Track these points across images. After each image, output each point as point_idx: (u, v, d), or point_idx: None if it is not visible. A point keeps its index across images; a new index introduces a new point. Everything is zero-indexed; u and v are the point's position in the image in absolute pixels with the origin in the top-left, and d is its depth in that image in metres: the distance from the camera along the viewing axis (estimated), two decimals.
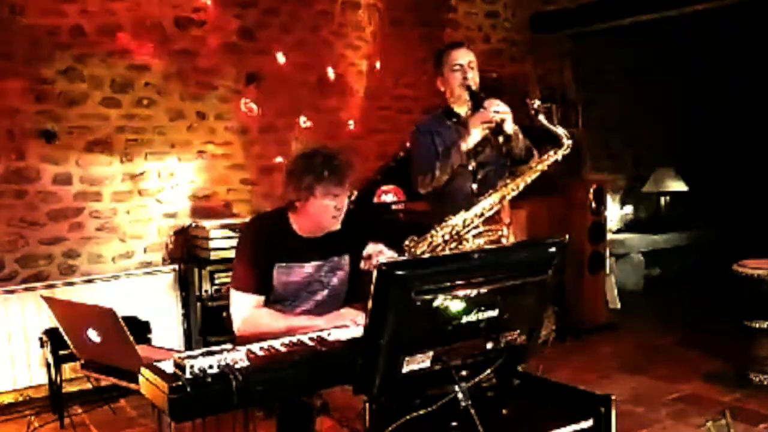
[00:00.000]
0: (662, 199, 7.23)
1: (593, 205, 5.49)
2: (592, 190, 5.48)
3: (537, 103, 3.07)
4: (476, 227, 3.08)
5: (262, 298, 2.67)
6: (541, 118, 3.06)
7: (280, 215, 2.75)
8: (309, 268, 2.73)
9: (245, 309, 2.65)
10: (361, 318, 2.54)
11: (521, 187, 3.11)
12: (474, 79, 3.20)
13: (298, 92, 5.25)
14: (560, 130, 3.10)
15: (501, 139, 3.14)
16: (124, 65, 4.61)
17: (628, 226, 7.28)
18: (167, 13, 4.74)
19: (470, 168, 3.20)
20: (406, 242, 3.06)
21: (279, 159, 5.19)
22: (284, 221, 2.72)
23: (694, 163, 7.25)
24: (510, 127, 3.09)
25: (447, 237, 3.06)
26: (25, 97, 4.33)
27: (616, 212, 7.17)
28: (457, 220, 3.05)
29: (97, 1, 4.49)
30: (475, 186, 3.20)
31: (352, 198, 2.73)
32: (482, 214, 3.07)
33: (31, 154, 4.38)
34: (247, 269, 2.66)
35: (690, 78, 7.39)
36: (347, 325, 2.51)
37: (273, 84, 5.15)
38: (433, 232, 3.06)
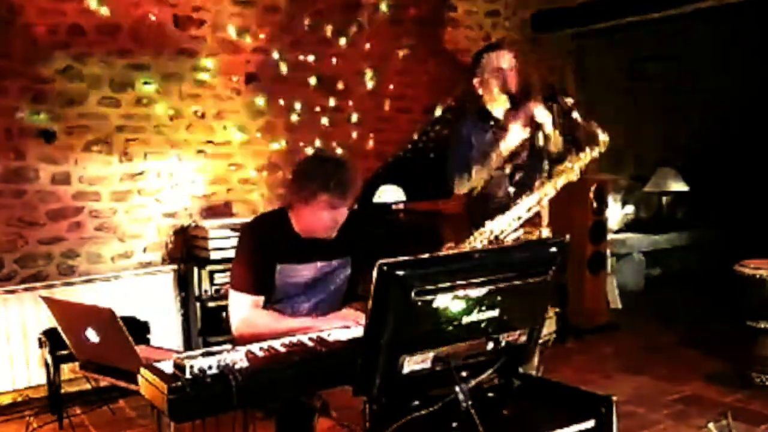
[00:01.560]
0: (663, 199, 7.23)
1: (594, 204, 5.49)
2: (593, 190, 5.47)
3: (570, 100, 3.04)
4: (515, 230, 3.05)
5: (261, 299, 2.66)
6: (576, 115, 3.02)
7: (281, 215, 2.74)
8: (310, 268, 2.71)
9: (244, 309, 2.63)
10: (361, 318, 2.53)
11: (559, 187, 3.07)
12: (513, 82, 3.17)
13: (297, 92, 5.25)
14: (596, 128, 3.04)
15: (540, 139, 3.08)
16: (123, 64, 4.61)
17: (629, 226, 7.27)
18: (166, 12, 4.73)
19: (506, 171, 3.18)
20: (443, 250, 3.05)
21: (278, 160, 5.20)
22: (285, 221, 2.71)
23: (696, 163, 7.24)
24: (550, 127, 3.05)
25: (485, 242, 3.02)
26: (23, 96, 4.32)
27: (617, 212, 7.16)
28: (494, 225, 3.03)
29: (95, 0, 4.48)
30: (511, 189, 3.17)
31: (354, 207, 2.70)
32: (520, 217, 3.05)
33: (29, 153, 4.37)
34: (246, 269, 2.65)
35: (691, 78, 7.39)
36: (348, 325, 2.50)
37: (272, 83, 5.14)
38: (471, 238, 3.03)
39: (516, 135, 3.06)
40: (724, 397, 4.11)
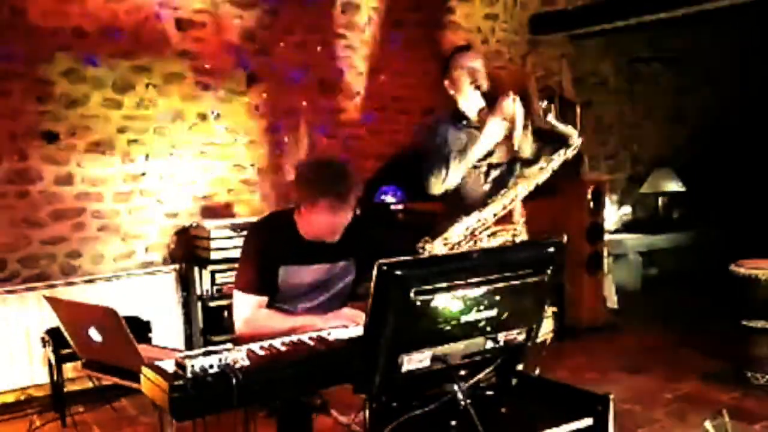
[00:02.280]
0: (660, 200, 7.25)
1: (591, 205, 5.51)
2: (590, 191, 5.49)
3: (545, 103, 3.10)
4: (488, 227, 3.10)
5: (264, 299, 2.67)
6: (550, 117, 3.10)
7: (287, 217, 2.75)
8: (314, 271, 2.73)
9: (247, 309, 2.65)
10: (360, 318, 2.55)
11: (532, 187, 3.14)
12: (483, 80, 3.21)
13: (298, 93, 5.27)
14: (569, 129, 3.13)
15: (515, 137, 3.06)
16: (125, 66, 4.63)
17: (626, 227, 7.29)
18: (168, 15, 4.75)
19: (482, 169, 3.21)
20: (420, 243, 3.08)
21: (278, 161, 5.22)
22: (291, 223, 2.72)
23: (692, 164, 7.27)
24: (521, 121, 3.04)
25: (461, 237, 3.07)
26: (26, 98, 4.35)
27: (614, 212, 7.19)
28: (470, 221, 3.07)
29: (98, 3, 4.51)
30: (487, 187, 3.21)
31: (357, 211, 2.73)
32: (495, 215, 3.09)
33: (32, 155, 4.40)
34: (251, 269, 2.67)
35: (688, 79, 7.42)
36: (346, 325, 2.53)
37: (273, 85, 5.16)
38: (446, 233, 3.07)
39: (495, 127, 3.08)
40: (721, 396, 4.13)
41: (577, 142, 3.13)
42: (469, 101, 3.22)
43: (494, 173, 3.23)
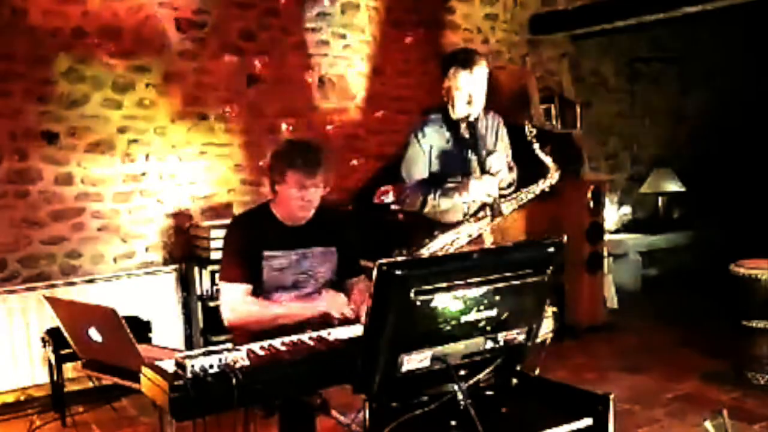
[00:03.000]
0: (660, 200, 7.25)
1: (591, 205, 5.51)
2: (590, 191, 5.49)
3: (533, 130, 3.14)
4: (461, 247, 3.14)
5: (249, 287, 2.73)
6: (535, 147, 3.16)
7: (262, 206, 2.88)
8: (294, 255, 2.79)
9: (233, 298, 2.70)
10: (342, 302, 2.70)
11: (507, 214, 3.19)
12: (481, 99, 3.19)
13: (298, 93, 5.28)
14: (549, 161, 3.19)
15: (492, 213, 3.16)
16: (125, 66, 4.63)
17: (626, 227, 7.30)
18: (168, 15, 4.76)
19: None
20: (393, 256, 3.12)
21: None
22: (266, 211, 2.83)
23: (692, 164, 7.27)
24: (496, 192, 3.13)
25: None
26: (26, 98, 4.35)
27: (614, 212, 7.19)
28: (446, 239, 3.11)
29: (98, 3, 4.52)
30: (466, 207, 3.24)
31: (327, 191, 2.82)
32: (470, 236, 3.16)
33: (32, 155, 4.40)
34: (232, 259, 2.74)
35: (688, 79, 7.42)
36: (328, 311, 2.65)
37: (273, 85, 5.17)
38: (421, 250, 3.11)
39: (475, 191, 3.12)
40: (721, 396, 4.13)
41: (555, 175, 3.20)
42: (461, 113, 3.21)
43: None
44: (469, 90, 3.14)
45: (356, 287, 2.88)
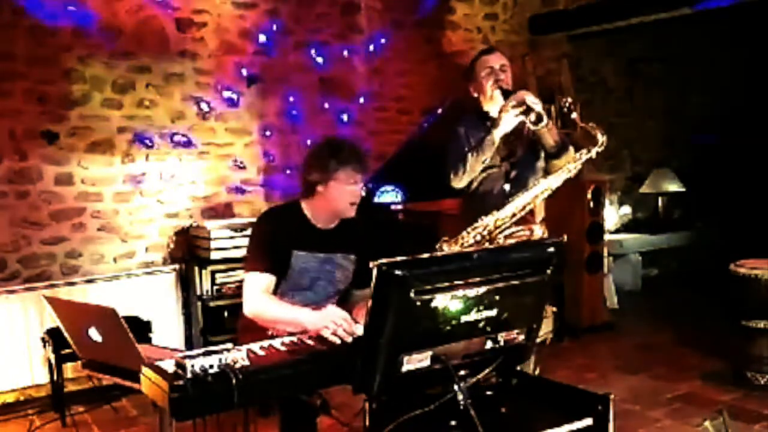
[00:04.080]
0: (660, 200, 7.25)
1: (591, 205, 5.52)
2: (590, 191, 5.50)
3: (569, 100, 3.08)
4: (508, 227, 3.08)
5: (273, 279, 2.70)
6: (575, 115, 3.07)
7: (294, 204, 2.84)
8: (318, 257, 2.78)
9: (257, 289, 2.66)
10: (346, 318, 2.41)
11: (554, 187, 3.07)
12: (507, 80, 3.19)
13: (298, 93, 5.28)
14: (595, 129, 3.06)
15: (533, 120, 3.00)
16: (125, 66, 4.64)
17: (626, 227, 7.30)
18: (168, 15, 4.76)
19: (503, 169, 3.20)
20: (439, 244, 3.09)
21: (279, 161, 5.23)
22: (297, 210, 2.81)
23: (692, 164, 7.27)
24: (540, 108, 2.98)
25: (479, 237, 3.05)
26: (27, 98, 4.35)
27: (614, 212, 7.19)
28: (489, 221, 3.06)
29: (98, 3, 4.52)
30: (507, 186, 3.18)
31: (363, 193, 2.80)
32: (514, 214, 3.06)
33: (32, 155, 4.40)
34: (258, 250, 2.72)
35: (688, 79, 7.42)
36: (333, 331, 2.35)
37: (274, 85, 5.17)
38: (464, 233, 3.07)
39: (508, 120, 3.03)
40: (721, 396, 4.14)
41: (603, 140, 3.06)
42: (494, 102, 3.20)
43: (515, 172, 3.20)
44: (496, 67, 3.18)
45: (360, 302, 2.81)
